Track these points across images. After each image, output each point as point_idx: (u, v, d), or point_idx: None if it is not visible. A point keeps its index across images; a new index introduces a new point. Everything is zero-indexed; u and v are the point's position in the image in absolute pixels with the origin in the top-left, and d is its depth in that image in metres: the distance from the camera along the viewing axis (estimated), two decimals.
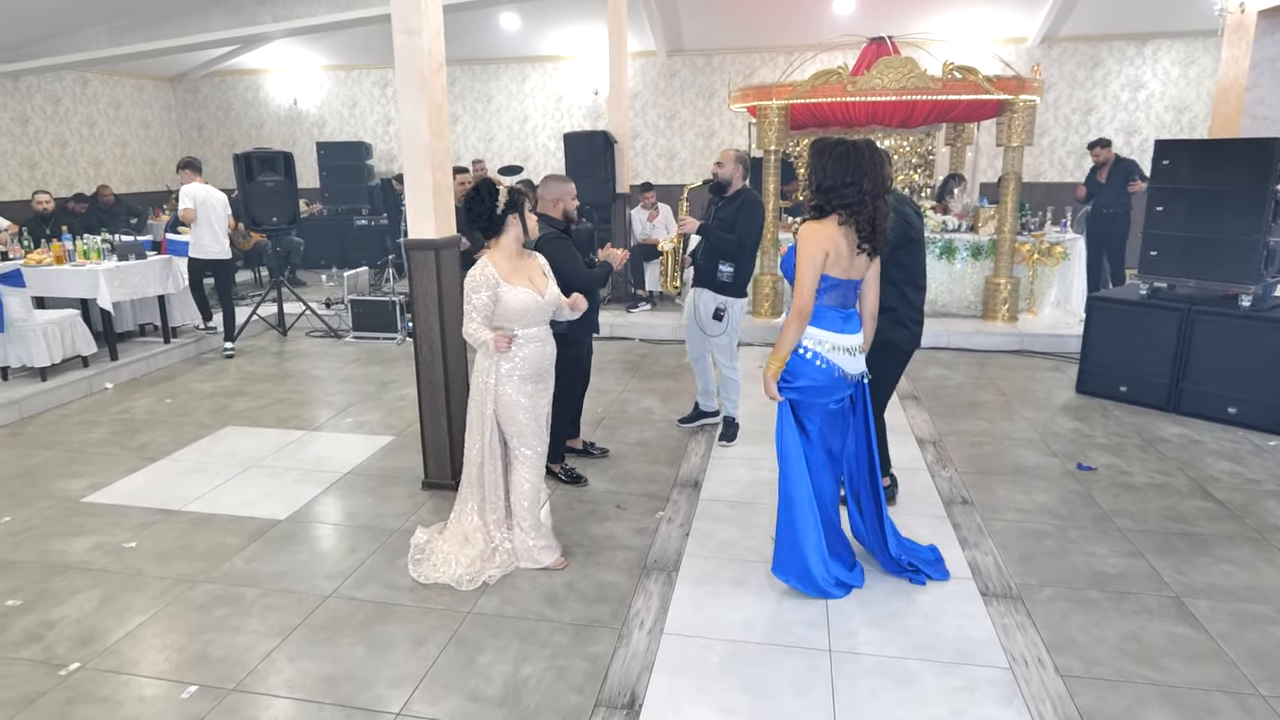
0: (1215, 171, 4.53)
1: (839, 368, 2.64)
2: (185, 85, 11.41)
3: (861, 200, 2.50)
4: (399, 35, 3.28)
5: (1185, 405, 4.58)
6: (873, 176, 2.51)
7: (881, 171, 2.53)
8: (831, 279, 2.58)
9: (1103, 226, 6.89)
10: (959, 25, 8.72)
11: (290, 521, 3.36)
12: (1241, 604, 2.70)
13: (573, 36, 9.75)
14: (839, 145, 2.55)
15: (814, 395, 2.66)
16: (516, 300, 2.77)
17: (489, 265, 2.77)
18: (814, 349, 2.62)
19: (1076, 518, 3.34)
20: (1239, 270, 4.48)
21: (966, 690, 2.27)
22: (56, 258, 5.63)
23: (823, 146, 2.58)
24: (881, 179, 2.52)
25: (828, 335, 2.61)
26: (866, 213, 2.50)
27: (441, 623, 2.61)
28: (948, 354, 6.00)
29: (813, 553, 2.69)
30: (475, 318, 2.77)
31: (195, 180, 6.16)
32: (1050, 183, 9.41)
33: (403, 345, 6.42)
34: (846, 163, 2.51)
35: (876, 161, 2.52)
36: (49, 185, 9.13)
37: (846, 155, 2.52)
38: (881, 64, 6.05)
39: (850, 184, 2.50)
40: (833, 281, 2.59)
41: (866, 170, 2.50)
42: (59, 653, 2.48)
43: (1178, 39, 8.97)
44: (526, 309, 2.79)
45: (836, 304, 2.63)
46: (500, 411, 2.85)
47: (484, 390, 2.85)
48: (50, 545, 3.18)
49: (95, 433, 4.48)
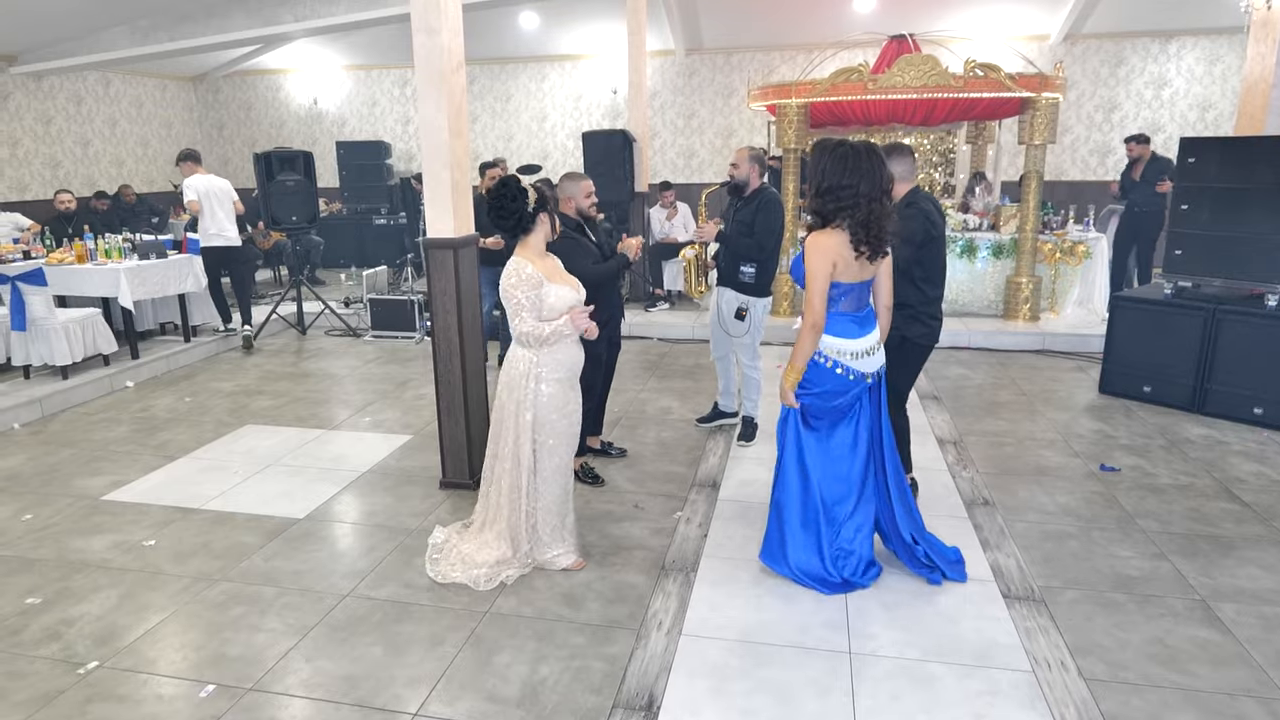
0: (1241, 170, 4.45)
1: (855, 370, 2.65)
2: (207, 85, 11.55)
3: (856, 203, 2.48)
4: (418, 34, 3.28)
5: (1210, 406, 4.50)
6: (870, 179, 2.49)
7: (879, 174, 2.51)
8: (843, 285, 2.58)
9: (1135, 225, 6.78)
10: (981, 23, 8.62)
11: (308, 520, 3.38)
12: (1269, 607, 2.65)
13: (591, 35, 9.75)
14: (838, 147, 2.55)
15: (830, 399, 2.68)
16: (559, 300, 2.74)
17: (527, 264, 2.72)
18: (834, 358, 2.63)
19: (1100, 519, 3.29)
20: (1265, 269, 4.40)
21: (989, 693, 2.24)
22: (78, 257, 5.71)
23: (823, 148, 2.58)
24: (880, 181, 2.50)
25: (845, 344, 2.63)
26: (861, 215, 2.49)
27: (459, 622, 2.61)
28: (968, 353, 5.93)
29: (797, 543, 2.72)
30: (527, 316, 2.71)
31: (196, 171, 6.22)
32: (1073, 181, 9.28)
33: (421, 344, 6.45)
34: (844, 165, 2.50)
35: (874, 164, 2.50)
36: (71, 185, 9.27)
37: (844, 158, 2.50)
38: (902, 62, 5.99)
39: (846, 186, 2.49)
40: (845, 288, 2.59)
41: (864, 173, 2.48)
42: (78, 651, 2.51)
43: (1202, 36, 8.81)
44: (569, 307, 2.76)
45: (851, 309, 2.63)
46: (539, 415, 2.78)
47: (522, 394, 2.76)
48: (70, 543, 3.22)
49: (116, 431, 4.54)
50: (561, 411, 2.83)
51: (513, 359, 2.82)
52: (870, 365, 2.69)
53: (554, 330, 2.71)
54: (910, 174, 3.16)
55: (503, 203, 2.75)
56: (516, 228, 2.78)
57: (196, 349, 6.13)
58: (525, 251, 2.79)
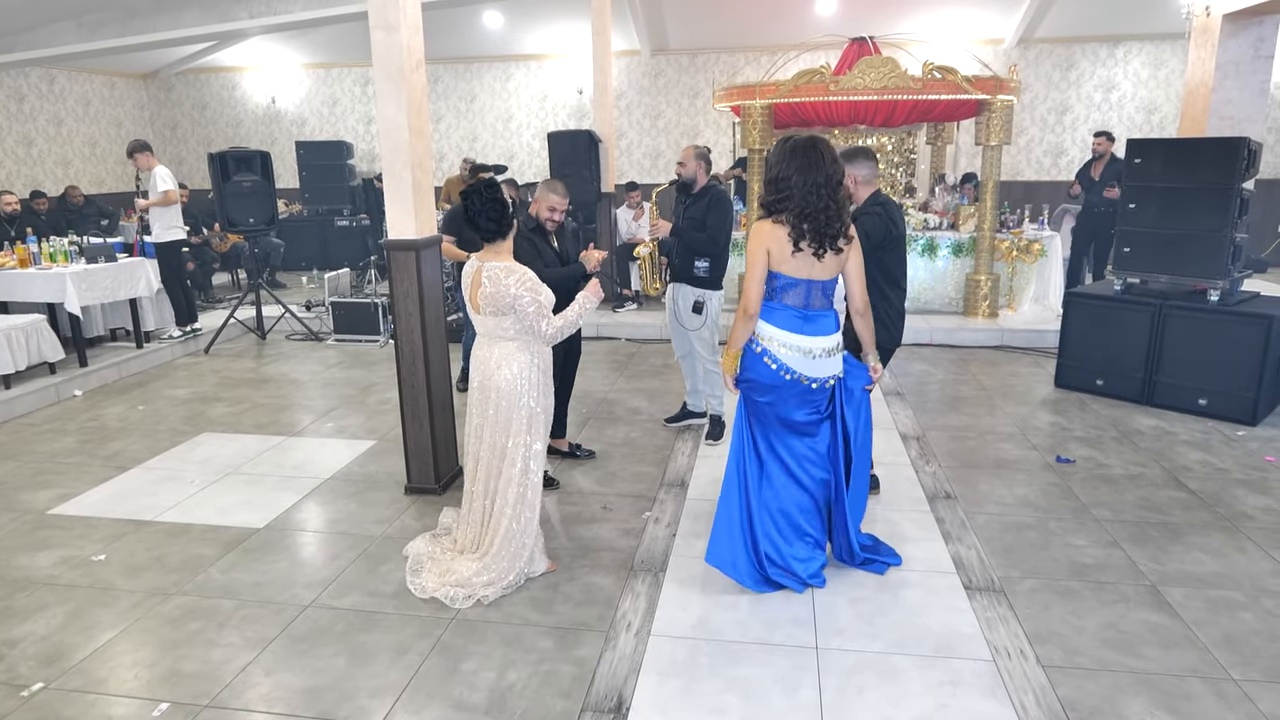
0: (1185, 170, 4.61)
1: (791, 369, 2.58)
2: (158, 83, 11.19)
3: (791, 194, 2.48)
4: (376, 31, 3.23)
5: (1158, 397, 4.66)
6: (808, 171, 2.46)
7: (822, 167, 2.48)
8: (785, 277, 2.56)
9: (1093, 224, 6.80)
10: (938, 26, 8.81)
11: (268, 530, 3.30)
12: (1214, 590, 2.76)
13: (556, 35, 9.71)
14: (785, 140, 2.58)
15: (761, 393, 2.63)
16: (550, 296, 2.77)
17: (524, 269, 2.70)
18: (764, 345, 2.59)
19: (1056, 510, 3.38)
20: (1207, 265, 4.57)
21: (951, 684, 2.29)
22: (21, 260, 5.48)
23: (778, 143, 2.63)
24: (819, 175, 2.47)
25: (780, 333, 2.57)
26: (796, 207, 2.47)
27: (424, 630, 2.57)
28: (930, 350, 6.05)
29: (738, 544, 2.71)
30: (551, 316, 2.71)
31: (157, 161, 6.16)
32: (1029, 181, 9.54)
33: (385, 348, 6.34)
34: (787, 158, 2.51)
35: (816, 157, 2.49)
36: (14, 186, 8.90)
37: (792, 151, 2.52)
38: (863, 64, 6.09)
39: (784, 178, 2.49)
40: (787, 280, 2.56)
41: (800, 165, 2.48)
42: (21, 672, 2.40)
43: (1147, 41, 9.14)
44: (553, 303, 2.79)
45: (795, 304, 2.58)
46: (535, 414, 2.74)
47: (521, 395, 2.70)
48: (13, 560, 3.08)
49: (63, 442, 4.37)
50: (546, 410, 2.83)
51: (506, 362, 2.71)
52: (817, 370, 2.60)
53: (580, 309, 2.76)
54: (872, 177, 3.20)
55: (492, 209, 2.67)
56: (497, 233, 2.72)
57: (150, 355, 5.93)
58: (503, 256, 2.75)
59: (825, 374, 2.64)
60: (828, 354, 2.62)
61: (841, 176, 2.56)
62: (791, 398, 2.65)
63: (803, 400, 2.66)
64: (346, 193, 10.06)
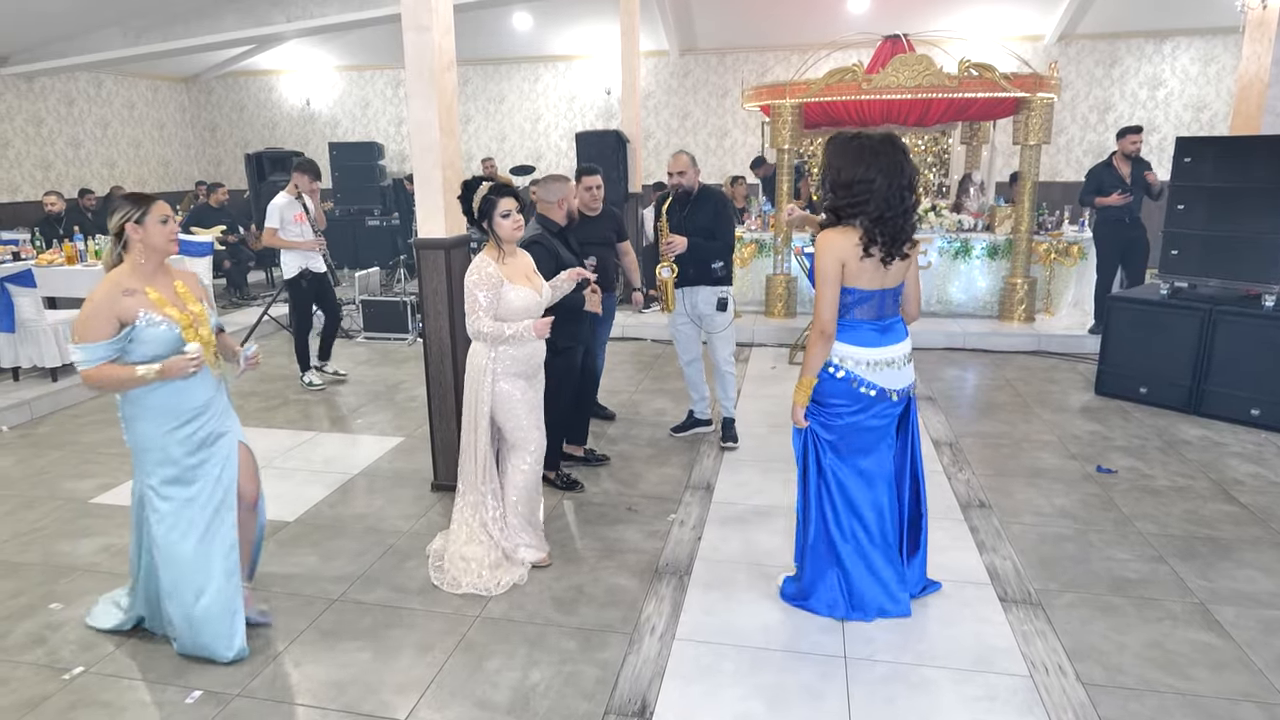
0: (1238, 169, 4.44)
1: (876, 384, 2.41)
2: (199, 86, 11.50)
3: (870, 198, 2.30)
4: (409, 32, 3.25)
5: (1207, 407, 4.49)
6: (888, 173, 2.30)
7: (901, 168, 2.32)
8: (860, 291, 2.37)
9: (1122, 237, 5.84)
10: (975, 23, 8.63)
11: (298, 524, 3.34)
12: (1268, 610, 2.63)
13: (585, 36, 9.74)
14: (853, 139, 2.37)
15: (843, 416, 2.44)
16: (519, 300, 2.78)
17: (490, 263, 2.76)
18: (848, 369, 2.40)
19: (1097, 521, 3.27)
20: (1262, 269, 4.38)
21: (986, 699, 2.21)
22: (68, 258, 5.66)
23: (837, 141, 2.40)
24: (902, 176, 2.32)
25: (859, 351, 2.40)
26: (874, 212, 2.30)
27: (449, 628, 2.57)
28: (963, 354, 5.91)
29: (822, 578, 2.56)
30: (483, 315, 2.76)
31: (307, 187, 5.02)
32: (1068, 182, 9.29)
33: (414, 346, 6.41)
34: (859, 157, 2.32)
35: (894, 157, 2.32)
36: (62, 186, 9.21)
37: (861, 150, 2.33)
38: (896, 62, 5.97)
39: (861, 180, 2.28)
40: (862, 294, 2.37)
41: (881, 166, 2.30)
42: (63, 656, 2.46)
43: (1197, 36, 8.83)
44: (526, 308, 2.80)
45: (870, 316, 2.40)
46: (498, 408, 2.82)
47: (479, 389, 2.82)
48: (56, 546, 3.17)
49: (106, 433, 4.49)
50: (524, 403, 2.84)
51: (472, 354, 2.86)
52: (896, 380, 2.44)
53: (515, 333, 2.75)
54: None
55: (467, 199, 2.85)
56: (473, 221, 2.86)
57: None
58: (490, 250, 2.82)
59: (906, 383, 2.49)
60: (907, 359, 2.49)
61: (917, 176, 2.45)
62: (871, 418, 2.47)
63: (879, 414, 2.49)
64: (377, 193, 10.21)
